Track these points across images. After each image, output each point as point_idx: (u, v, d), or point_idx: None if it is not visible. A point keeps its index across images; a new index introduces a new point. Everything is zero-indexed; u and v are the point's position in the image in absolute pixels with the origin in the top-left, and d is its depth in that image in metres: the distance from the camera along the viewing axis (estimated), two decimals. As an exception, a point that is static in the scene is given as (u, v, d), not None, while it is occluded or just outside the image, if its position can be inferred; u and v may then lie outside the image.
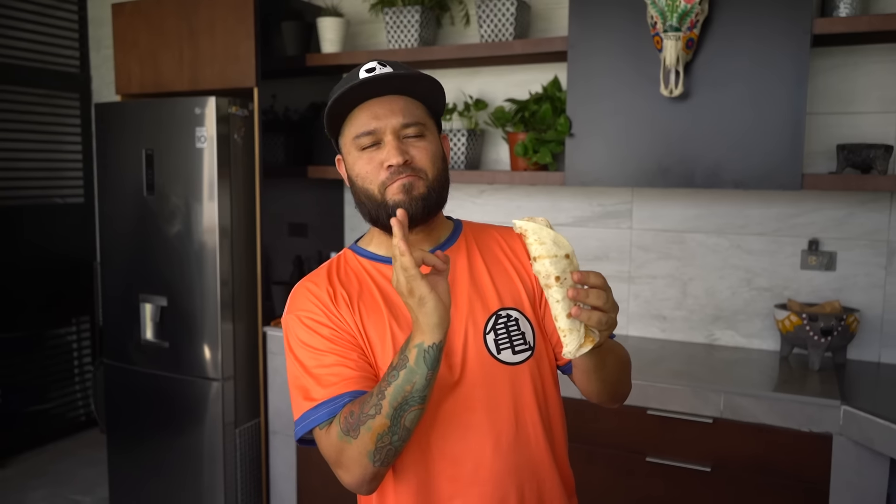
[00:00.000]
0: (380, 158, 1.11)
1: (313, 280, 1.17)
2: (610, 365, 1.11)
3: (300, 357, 1.10)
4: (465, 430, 1.11)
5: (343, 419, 1.01)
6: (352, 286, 1.15)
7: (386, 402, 0.97)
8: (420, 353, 0.96)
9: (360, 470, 1.02)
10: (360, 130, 1.11)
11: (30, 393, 3.89)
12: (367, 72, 1.11)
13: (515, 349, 1.14)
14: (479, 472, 1.11)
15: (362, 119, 1.12)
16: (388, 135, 1.11)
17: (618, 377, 1.16)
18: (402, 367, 0.96)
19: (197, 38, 2.83)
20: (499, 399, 1.12)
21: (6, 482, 3.47)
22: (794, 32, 2.14)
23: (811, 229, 2.47)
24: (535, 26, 2.79)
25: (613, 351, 1.13)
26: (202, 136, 2.70)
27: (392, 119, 1.11)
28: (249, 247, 2.85)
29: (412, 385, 0.96)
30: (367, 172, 1.12)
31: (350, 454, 1.01)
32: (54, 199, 4.00)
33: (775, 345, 2.54)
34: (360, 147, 1.12)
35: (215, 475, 2.83)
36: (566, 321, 0.93)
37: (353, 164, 1.14)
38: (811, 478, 2.02)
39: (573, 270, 0.93)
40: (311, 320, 1.11)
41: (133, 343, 2.97)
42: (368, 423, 0.98)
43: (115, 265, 3.03)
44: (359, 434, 0.99)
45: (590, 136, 2.44)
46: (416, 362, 0.96)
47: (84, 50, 4.02)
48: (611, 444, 2.25)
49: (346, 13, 3.01)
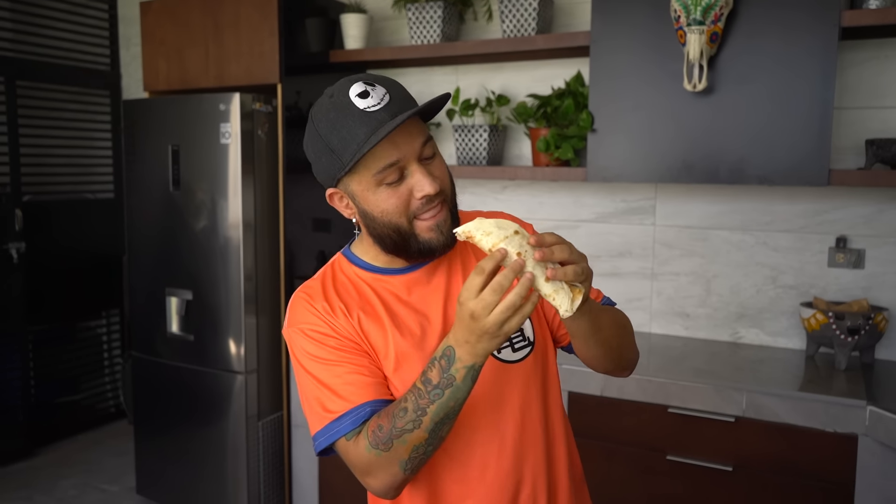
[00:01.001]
0: (407, 189, 1.04)
1: (309, 292, 1.13)
2: (606, 327, 1.10)
3: (312, 370, 1.08)
4: (470, 433, 1.11)
5: (371, 433, 1.00)
6: (350, 296, 1.12)
7: (427, 419, 0.97)
8: (469, 373, 0.96)
9: (390, 478, 1.02)
10: (383, 164, 1.02)
11: (61, 384, 3.98)
12: (359, 97, 1.02)
13: (515, 347, 1.14)
14: (486, 472, 1.11)
15: (382, 152, 1.02)
16: (413, 163, 1.04)
17: (619, 340, 1.15)
18: (449, 386, 0.96)
19: (222, 34, 2.87)
20: (502, 399, 1.12)
21: (38, 470, 3.56)
22: (822, 25, 2.10)
23: (839, 226, 2.42)
24: (559, 21, 2.77)
25: (607, 312, 1.12)
26: (227, 131, 2.73)
27: (413, 144, 1.04)
28: (273, 242, 2.88)
29: (456, 401, 0.97)
30: (396, 206, 1.05)
31: (380, 464, 1.01)
32: (85, 195, 4.08)
33: (801, 344, 2.49)
34: (381, 182, 1.04)
35: (239, 467, 2.86)
36: (548, 286, 0.93)
37: (375, 201, 1.05)
38: (835, 479, 1.99)
39: (528, 240, 0.94)
40: (315, 332, 1.09)
41: (159, 336, 3.02)
42: (404, 437, 0.98)
43: (142, 259, 3.08)
44: (391, 447, 0.99)
45: (612, 132, 2.42)
46: (464, 381, 0.96)
47: (114, 48, 4.09)
48: (631, 441, 2.23)
49: (370, 9, 3.03)
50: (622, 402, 2.23)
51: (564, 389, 2.28)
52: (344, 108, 1.02)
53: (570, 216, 2.83)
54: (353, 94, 1.03)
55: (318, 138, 1.05)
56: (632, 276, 2.75)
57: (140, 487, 3.23)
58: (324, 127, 1.04)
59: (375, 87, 1.04)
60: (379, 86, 1.04)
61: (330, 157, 1.04)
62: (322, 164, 1.07)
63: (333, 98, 1.04)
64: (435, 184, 1.04)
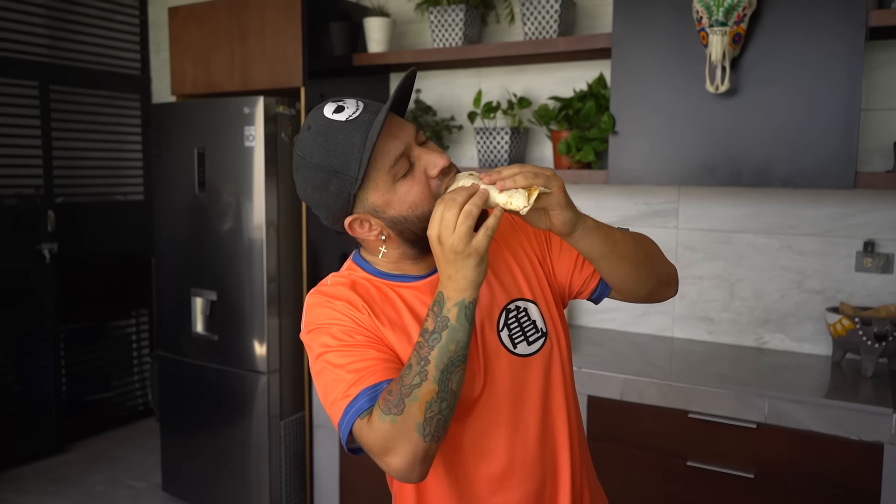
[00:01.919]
0: (421, 173, 1.04)
1: (326, 293, 1.11)
2: (621, 240, 1.11)
3: (330, 360, 1.05)
4: (493, 429, 1.12)
5: (383, 401, 0.97)
6: (373, 299, 1.10)
7: (432, 367, 0.95)
8: (461, 310, 0.97)
9: (410, 448, 0.95)
10: (392, 158, 1.02)
11: (92, 382, 4.07)
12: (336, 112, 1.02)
13: (529, 340, 1.14)
14: (512, 467, 1.12)
15: (386, 147, 1.02)
16: (415, 147, 1.05)
17: (644, 251, 1.15)
18: (444, 328, 0.96)
19: (247, 39, 2.91)
20: (523, 393, 1.13)
21: (69, 466, 3.64)
22: (848, 25, 2.06)
23: (867, 230, 2.37)
24: (581, 23, 2.76)
25: (617, 230, 1.14)
26: (251, 134, 2.77)
27: (408, 132, 1.05)
28: (296, 243, 2.91)
29: (456, 343, 0.96)
30: (421, 193, 1.04)
31: (397, 433, 0.95)
32: (116, 197, 4.17)
33: (828, 350, 2.45)
34: (396, 178, 1.03)
35: (261, 466, 2.90)
36: (501, 196, 0.99)
37: (399, 200, 1.04)
38: (860, 488, 1.95)
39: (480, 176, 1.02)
40: (336, 324, 1.07)
41: (185, 336, 3.07)
42: (414, 394, 0.94)
43: (169, 260, 3.14)
44: (403, 408, 0.94)
45: (634, 134, 2.40)
46: (458, 320, 0.96)
47: (144, 53, 4.17)
48: (651, 446, 2.21)
49: (393, 13, 3.04)
50: (642, 407, 2.21)
51: (583, 393, 2.27)
52: (327, 128, 1.01)
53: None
54: (329, 112, 1.03)
55: (316, 169, 1.02)
56: (654, 279, 2.72)
57: (165, 484, 3.29)
58: (317, 155, 1.01)
59: (346, 101, 1.05)
60: (348, 99, 1.06)
61: (338, 180, 1.01)
62: (331, 191, 1.03)
63: (312, 128, 1.03)
64: (444, 156, 1.06)
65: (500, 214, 0.98)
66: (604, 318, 2.83)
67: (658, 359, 2.47)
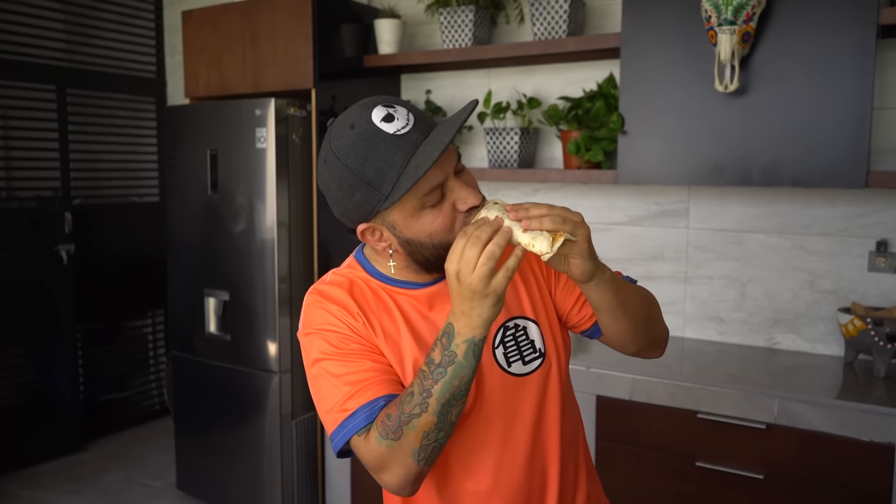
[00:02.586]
0: (450, 206, 1.02)
1: (324, 294, 1.10)
2: (631, 299, 1.10)
3: (327, 368, 1.05)
4: (482, 446, 1.11)
5: (381, 423, 0.98)
6: (368, 305, 1.09)
7: (433, 400, 0.95)
8: (470, 347, 0.94)
9: (403, 471, 0.98)
10: (429, 188, 0.99)
11: (109, 382, 4.12)
12: (384, 121, 0.99)
13: (525, 359, 1.13)
14: (498, 485, 1.11)
15: (427, 175, 0.98)
16: (452, 179, 1.02)
17: (647, 313, 1.14)
18: (451, 364, 0.94)
19: (259, 41, 2.94)
20: (514, 412, 1.11)
21: (86, 465, 3.69)
22: (859, 23, 2.04)
23: (880, 229, 2.35)
24: (592, 23, 2.76)
25: (630, 286, 1.12)
26: (262, 136, 2.79)
27: (450, 161, 1.02)
28: (307, 244, 2.93)
29: (460, 380, 0.95)
30: (444, 225, 1.02)
31: (392, 456, 0.98)
32: (132, 199, 4.22)
33: (840, 350, 2.43)
34: (425, 206, 1.01)
35: (273, 465, 2.92)
36: (525, 236, 0.96)
37: (420, 227, 1.02)
38: (871, 489, 1.93)
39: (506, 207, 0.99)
40: (331, 331, 1.07)
41: (198, 335, 3.10)
42: (413, 423, 0.95)
43: (182, 260, 3.17)
44: (401, 435, 0.96)
45: (643, 134, 2.39)
46: (466, 357, 0.95)
47: (160, 56, 4.22)
48: (660, 447, 2.21)
49: (403, 14, 3.06)
50: (651, 407, 2.21)
51: (592, 393, 2.27)
52: (372, 136, 0.97)
53: (603, 219, 2.81)
54: (378, 119, 0.98)
55: (347, 173, 0.99)
56: (665, 279, 2.71)
57: (180, 483, 3.32)
58: (354, 160, 0.98)
59: (397, 109, 1.00)
60: (399, 106, 1.01)
61: (367, 191, 0.99)
62: (356, 199, 1.01)
63: (356, 128, 0.99)
64: (477, 195, 1.03)
65: (522, 255, 0.94)
66: (614, 318, 2.82)
67: (668, 359, 2.46)
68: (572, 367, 1.85)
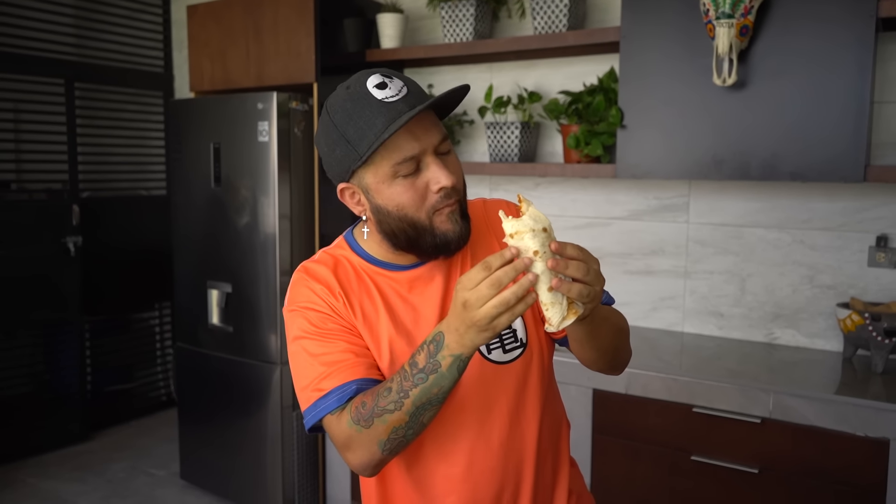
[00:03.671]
0: (423, 183, 1.04)
1: (309, 273, 1.13)
2: (604, 333, 1.08)
3: (305, 346, 1.08)
4: (456, 430, 1.11)
5: (354, 409, 1.01)
6: (350, 286, 1.12)
7: (409, 402, 0.96)
8: (455, 361, 0.94)
9: (367, 455, 1.02)
10: (403, 157, 1.02)
11: (116, 373, 4.17)
12: (377, 88, 1.02)
13: (506, 348, 1.13)
14: (471, 470, 1.12)
15: (401, 143, 1.01)
16: (430, 155, 1.04)
17: (615, 345, 1.14)
18: (433, 372, 0.95)
19: (262, 36, 2.96)
20: (491, 399, 1.12)
21: (92, 454, 3.73)
22: (857, 16, 2.03)
23: (880, 224, 2.34)
24: (593, 17, 2.76)
25: (608, 319, 1.10)
26: (264, 130, 2.81)
27: (431, 138, 1.03)
28: (309, 236, 2.95)
29: (439, 388, 0.96)
30: (412, 199, 1.04)
31: (360, 441, 1.01)
32: (140, 192, 4.26)
33: (839, 346, 2.42)
34: (397, 175, 1.03)
35: (275, 455, 2.95)
36: (547, 295, 0.91)
37: (390, 195, 1.04)
38: (865, 484, 1.92)
39: (550, 242, 0.90)
40: (313, 309, 1.09)
41: (202, 327, 3.13)
42: (385, 417, 0.98)
43: (186, 253, 3.21)
44: (372, 424, 0.99)
45: (642, 128, 2.39)
46: (449, 370, 0.95)
47: (167, 50, 4.26)
48: (655, 441, 2.21)
49: (406, 9, 3.07)
50: (647, 401, 2.21)
51: (589, 386, 2.28)
52: (361, 98, 1.02)
53: (603, 213, 2.81)
54: (371, 84, 1.02)
55: (332, 129, 1.04)
56: (665, 274, 2.71)
57: (184, 472, 3.36)
58: (340, 117, 1.03)
59: (393, 80, 1.03)
60: (396, 78, 1.04)
61: (345, 148, 1.03)
62: (336, 155, 1.05)
63: (350, 89, 1.04)
64: (452, 177, 1.04)
65: (532, 302, 0.90)
66: (614, 312, 2.82)
67: (667, 353, 2.47)
68: (568, 361, 1.85)
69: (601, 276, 0.93)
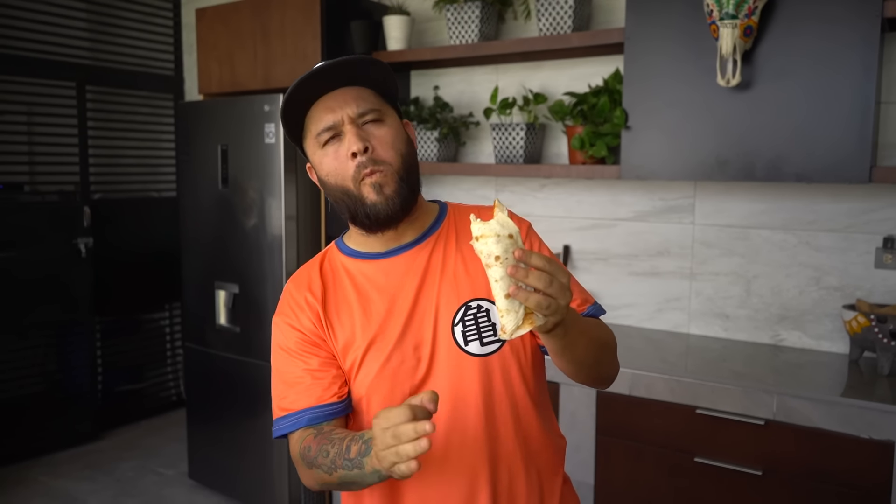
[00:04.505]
0: (343, 149, 1.10)
1: (296, 282, 1.20)
2: (581, 347, 1.04)
3: (275, 359, 1.18)
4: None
5: (302, 447, 1.09)
6: (328, 286, 1.17)
7: (337, 475, 1.02)
8: (374, 473, 0.96)
9: (312, 483, 1.11)
10: (320, 127, 1.10)
11: (127, 373, 4.21)
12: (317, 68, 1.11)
13: (483, 341, 1.12)
14: (445, 465, 1.11)
15: (318, 115, 1.11)
16: (346, 124, 1.09)
17: (596, 358, 1.10)
18: (358, 468, 0.98)
19: (269, 38, 2.98)
20: (466, 392, 1.11)
21: (102, 453, 3.77)
22: (862, 16, 2.02)
23: (887, 225, 2.32)
24: (598, 18, 2.76)
25: (586, 333, 1.06)
26: (271, 132, 2.83)
27: (347, 109, 1.09)
28: (315, 238, 2.97)
29: (362, 480, 1.00)
30: (336, 168, 1.10)
31: (304, 472, 1.10)
32: (151, 193, 4.30)
33: (846, 348, 2.40)
34: (321, 144, 1.11)
35: (282, 455, 2.96)
36: (504, 301, 0.89)
37: (321, 164, 1.13)
38: (870, 486, 1.91)
39: (515, 250, 0.89)
40: (286, 325, 1.16)
41: (209, 328, 3.16)
42: (321, 472, 1.04)
43: (194, 254, 3.23)
44: (312, 468, 1.06)
45: (646, 129, 2.39)
46: (370, 475, 0.98)
47: (178, 53, 4.29)
48: (658, 442, 2.21)
49: (413, 11, 3.08)
50: (650, 402, 2.21)
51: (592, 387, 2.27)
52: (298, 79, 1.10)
53: (608, 214, 2.81)
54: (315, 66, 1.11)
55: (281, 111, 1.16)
56: (670, 275, 2.70)
57: (192, 472, 3.38)
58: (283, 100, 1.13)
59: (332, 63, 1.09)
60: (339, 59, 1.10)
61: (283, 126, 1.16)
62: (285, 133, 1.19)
63: None
64: (359, 142, 1.07)
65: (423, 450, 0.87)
66: (619, 314, 2.82)
67: (672, 355, 2.46)
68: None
69: (567, 290, 0.90)
